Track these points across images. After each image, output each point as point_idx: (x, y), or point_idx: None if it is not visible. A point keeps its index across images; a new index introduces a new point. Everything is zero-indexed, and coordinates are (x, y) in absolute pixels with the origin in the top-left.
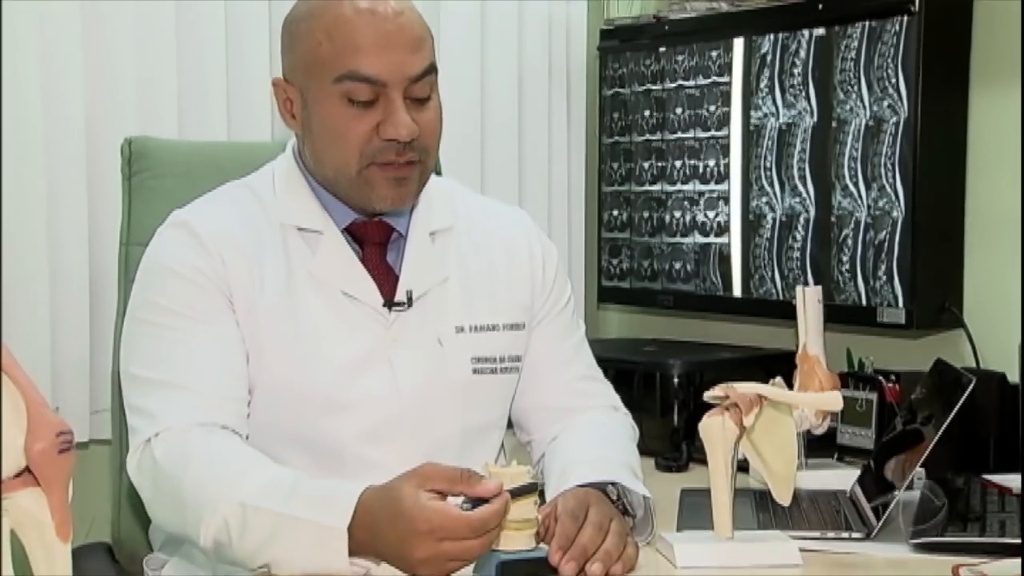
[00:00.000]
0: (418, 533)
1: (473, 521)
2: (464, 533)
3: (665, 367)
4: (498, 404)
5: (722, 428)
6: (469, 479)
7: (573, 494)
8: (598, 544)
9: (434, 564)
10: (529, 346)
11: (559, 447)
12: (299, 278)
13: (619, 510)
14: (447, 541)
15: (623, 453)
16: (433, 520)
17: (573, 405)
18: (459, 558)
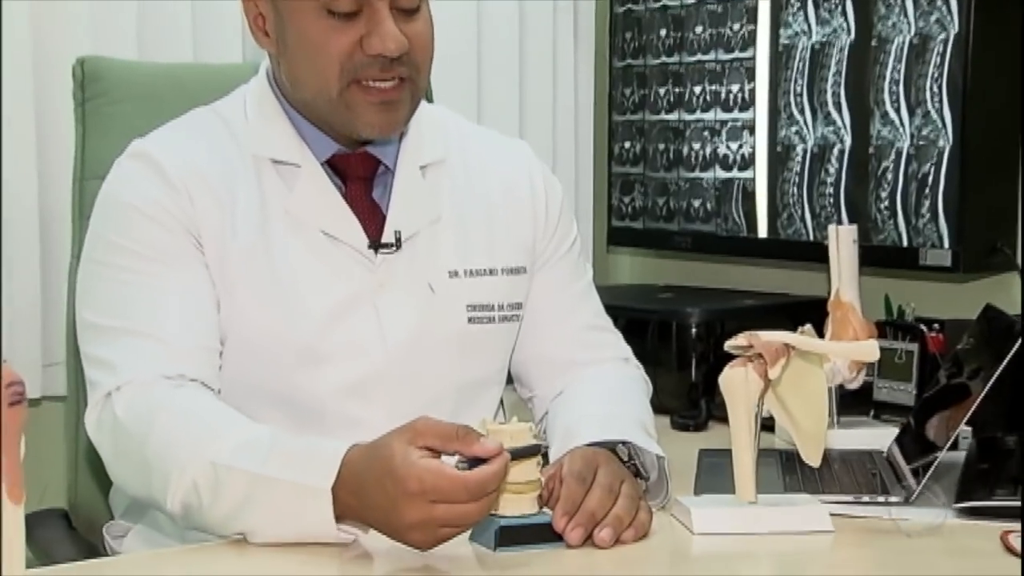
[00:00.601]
0: (408, 494)
1: (470, 483)
2: (459, 495)
3: (682, 316)
4: (496, 356)
5: (745, 381)
6: (466, 436)
7: (580, 454)
8: (607, 508)
9: (426, 529)
10: (530, 292)
11: (564, 403)
12: (274, 217)
13: (630, 471)
14: (440, 504)
15: (635, 409)
16: (425, 480)
17: (579, 357)
18: (453, 523)
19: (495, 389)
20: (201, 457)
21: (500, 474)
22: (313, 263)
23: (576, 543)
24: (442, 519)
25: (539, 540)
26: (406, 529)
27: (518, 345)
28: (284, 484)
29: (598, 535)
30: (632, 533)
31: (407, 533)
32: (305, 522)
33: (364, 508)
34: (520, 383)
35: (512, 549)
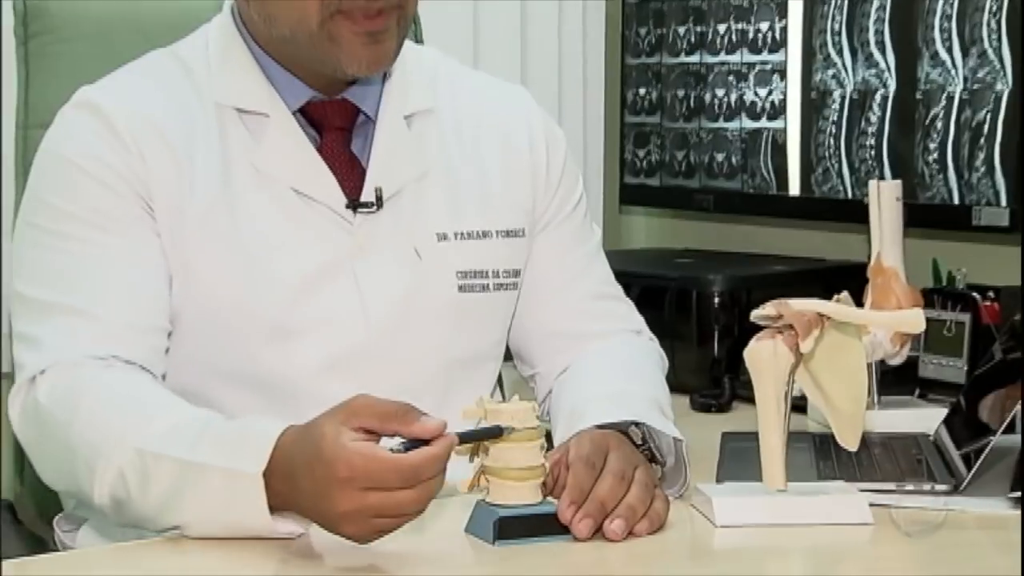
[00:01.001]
0: (337, 480)
1: (403, 467)
2: (391, 481)
3: (703, 283)
4: (492, 329)
5: (773, 355)
6: (406, 415)
7: (589, 437)
8: (619, 497)
9: (358, 521)
10: (530, 258)
11: (570, 381)
12: (239, 173)
13: (645, 456)
14: (373, 491)
15: (649, 387)
16: (355, 465)
17: (586, 330)
18: (388, 513)
19: (491, 366)
20: (128, 444)
21: (440, 458)
22: (283, 225)
23: (584, 536)
24: (375, 508)
25: (542, 532)
26: (338, 519)
27: (517, 317)
28: (214, 471)
29: (608, 527)
30: (646, 525)
31: (340, 524)
32: (238, 513)
33: (296, 496)
34: (520, 359)
35: (512, 542)
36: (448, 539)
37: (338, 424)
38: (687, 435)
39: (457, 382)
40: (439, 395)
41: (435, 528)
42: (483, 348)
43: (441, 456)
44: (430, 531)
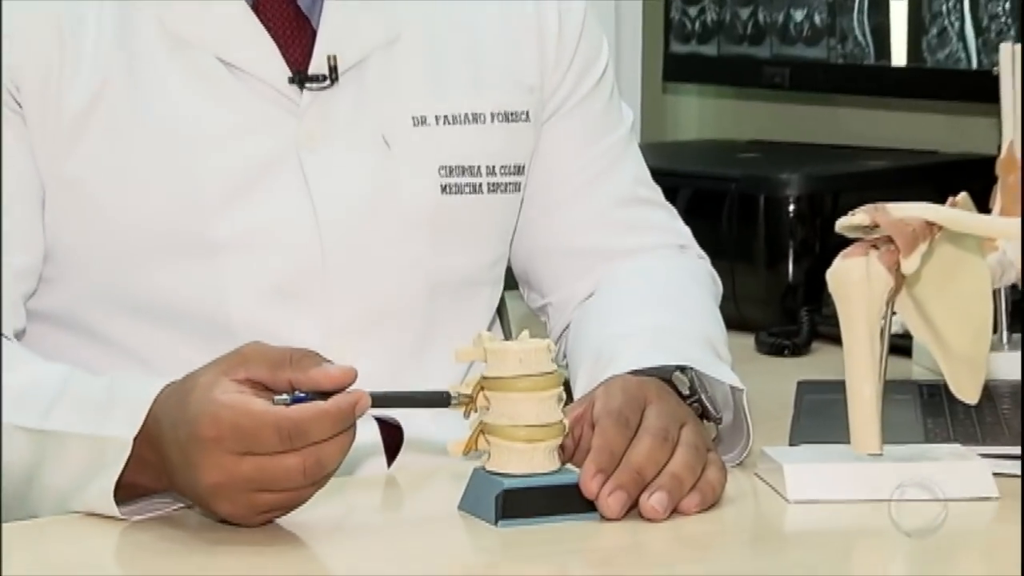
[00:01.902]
0: (201, 441)
1: (282, 421)
2: (268, 441)
3: (774, 185)
4: (487, 245)
5: (866, 277)
6: (302, 359)
7: (620, 386)
8: (660, 463)
9: (232, 495)
10: (538, 151)
11: (594, 313)
12: (143, 37)
13: (694, 411)
14: (248, 457)
15: (698, 319)
16: (222, 420)
17: (614, 245)
18: (269, 486)
19: (487, 293)
20: None
21: (334, 416)
22: (204, 106)
23: (614, 514)
24: (250, 478)
25: (560, 510)
26: (208, 493)
27: (522, 229)
28: (75, 440)
29: (646, 502)
30: (696, 500)
31: (211, 499)
32: (96, 488)
33: (165, 467)
34: (528, 285)
35: (520, 522)
36: (435, 519)
37: (218, 375)
38: (751, 384)
39: (443, 314)
40: (419, 331)
41: (417, 504)
42: (475, 269)
43: (336, 414)
44: (411, 508)
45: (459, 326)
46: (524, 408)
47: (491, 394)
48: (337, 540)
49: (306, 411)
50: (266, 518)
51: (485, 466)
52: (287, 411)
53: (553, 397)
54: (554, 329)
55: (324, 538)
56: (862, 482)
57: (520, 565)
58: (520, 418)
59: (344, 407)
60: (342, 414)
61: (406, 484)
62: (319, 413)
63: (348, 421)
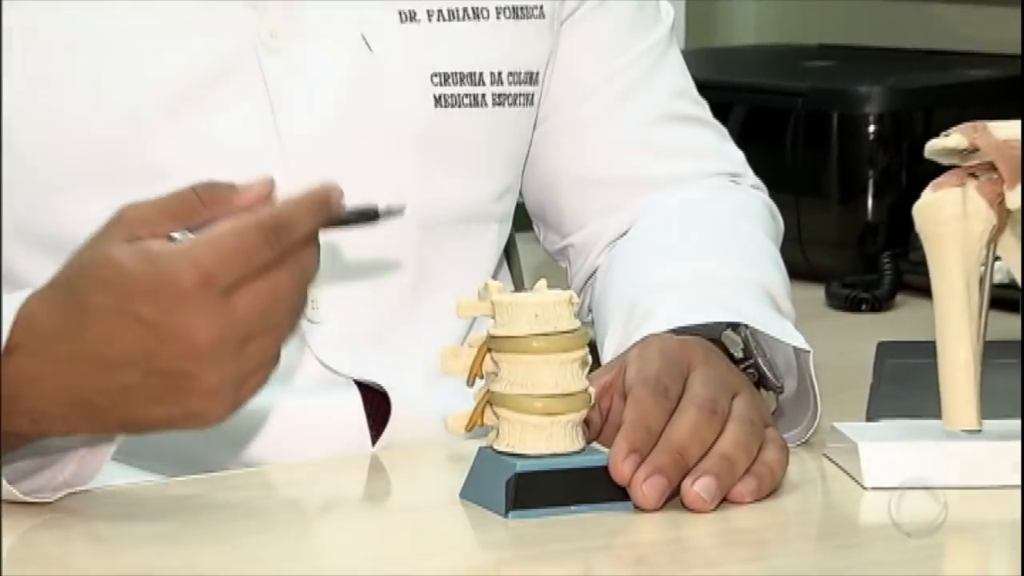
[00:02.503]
0: (182, 297)
1: (264, 219)
2: (257, 250)
3: (850, 99)
4: (492, 171)
5: (962, 213)
6: (213, 192)
7: (658, 347)
8: (706, 441)
9: (224, 355)
10: (556, 55)
11: (626, 257)
12: None
13: (750, 378)
14: (239, 288)
15: (755, 266)
16: (200, 258)
17: (650, 173)
18: (261, 323)
19: (493, 232)
20: None
21: (317, 200)
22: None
23: (651, 503)
24: (248, 315)
25: (584, 498)
26: (195, 367)
27: (536, 153)
28: None
29: (690, 489)
30: (752, 486)
31: (199, 374)
32: None
33: (57, 371)
34: (544, 224)
35: (537, 514)
36: (430, 509)
37: (118, 241)
38: (820, 346)
39: (438, 259)
40: (409, 280)
41: (409, 491)
42: (478, 202)
43: (315, 199)
44: (401, 496)
45: (459, 274)
46: (540, 374)
47: (500, 357)
48: (311, 535)
49: (283, 204)
50: (244, 395)
51: (493, 445)
52: (263, 210)
53: (576, 361)
54: (577, 277)
55: (296, 533)
56: (955, 465)
57: (535, 565)
58: (535, 386)
59: (321, 194)
60: (320, 201)
61: (395, 467)
62: (297, 201)
63: (327, 211)
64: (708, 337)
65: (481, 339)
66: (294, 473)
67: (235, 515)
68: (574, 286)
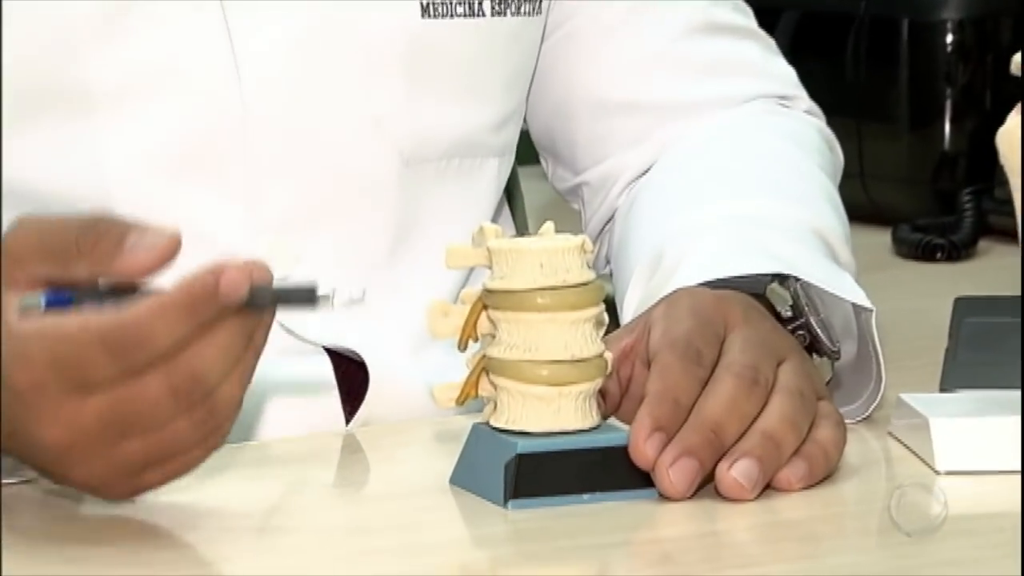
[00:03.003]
0: (21, 394)
1: (108, 333)
2: (100, 366)
3: (923, 5)
4: (490, 95)
5: None
6: (97, 239)
7: (689, 304)
8: (747, 416)
9: (84, 455)
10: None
11: (652, 197)
12: None
13: (799, 341)
14: (89, 393)
15: (807, 206)
16: (32, 358)
17: (681, 95)
18: (129, 428)
19: (491, 168)
20: None
21: (187, 303)
22: None
23: (679, 491)
24: (104, 422)
25: (598, 484)
26: (55, 459)
27: (544, 74)
28: None
29: (727, 474)
30: (801, 471)
31: (63, 467)
32: None
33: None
34: (553, 157)
35: (542, 503)
36: (415, 498)
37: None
38: (885, 303)
39: (426, 199)
40: (391, 224)
41: (390, 477)
42: (473, 132)
43: (183, 302)
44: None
45: (450, 217)
46: (547, 336)
47: (498, 315)
48: (273, 528)
49: (138, 310)
50: (146, 483)
51: (490, 421)
52: (111, 317)
53: (589, 320)
54: (592, 221)
55: (255, 526)
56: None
57: (539, 565)
58: (541, 350)
59: (196, 289)
60: (193, 300)
61: (373, 447)
62: (155, 308)
63: (207, 309)
64: (750, 292)
65: (476, 294)
66: (253, 455)
67: (184, 506)
68: (588, 231)
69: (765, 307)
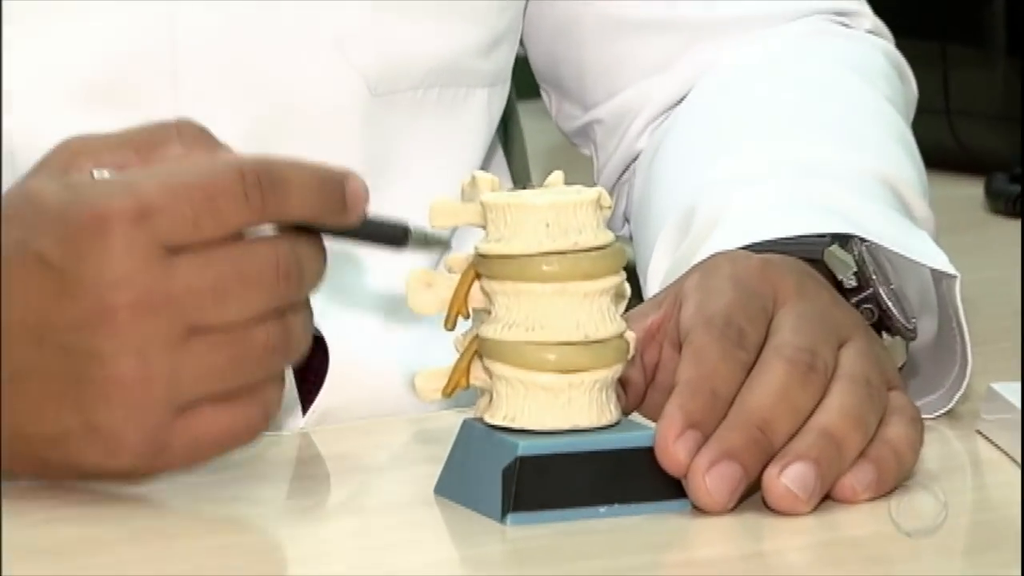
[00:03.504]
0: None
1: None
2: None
3: None
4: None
5: None
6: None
7: (730, 271)
8: (801, 410)
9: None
10: None
11: (682, 138)
12: None
13: (867, 317)
14: (93, 244)
15: (874, 148)
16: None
17: (716, 10)
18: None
19: (481, 99)
20: None
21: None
22: None
23: (718, 502)
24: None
25: (618, 494)
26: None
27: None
28: None
29: (776, 482)
30: (869, 477)
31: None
32: None
33: None
34: (559, 90)
35: (548, 517)
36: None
37: (39, 171)
38: (974, 270)
39: (400, 139)
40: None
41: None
42: (457, 57)
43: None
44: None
45: (432, 164)
46: (555, 312)
47: (495, 286)
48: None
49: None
50: (203, 432)
51: (484, 417)
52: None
53: (607, 292)
54: (607, 169)
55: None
56: None
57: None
58: (547, 330)
59: (336, 175)
60: (330, 175)
61: (336, 450)
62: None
63: (336, 190)
64: (804, 257)
65: (466, 260)
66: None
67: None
68: (603, 181)
69: (823, 275)
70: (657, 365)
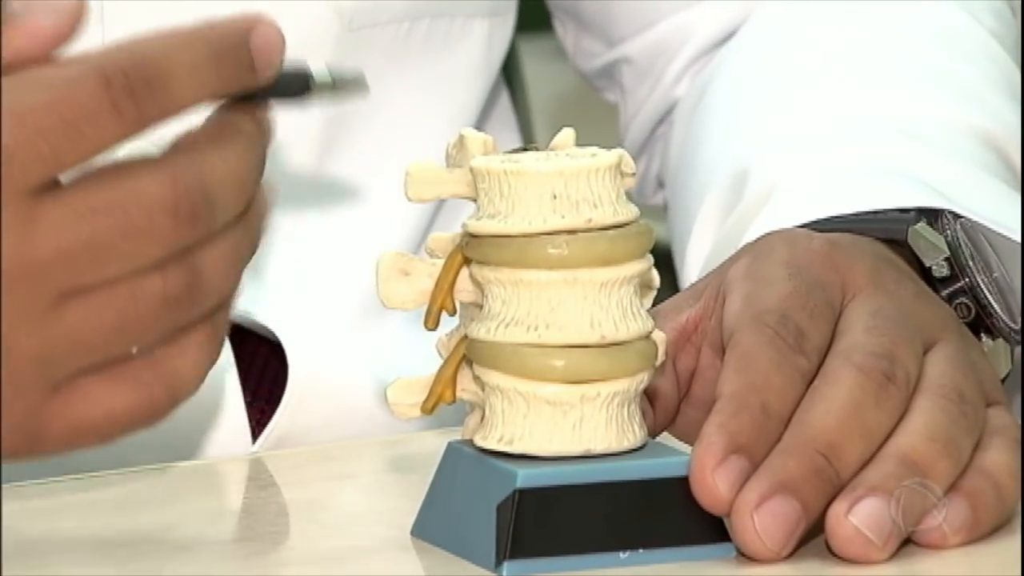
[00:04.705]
0: None
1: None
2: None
3: None
4: None
5: None
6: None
7: (786, 255)
8: (875, 432)
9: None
10: None
11: (731, 87)
12: None
13: (961, 314)
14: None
15: (973, 100)
16: None
17: None
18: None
19: (477, 35)
20: None
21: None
22: None
23: (771, 547)
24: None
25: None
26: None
27: None
28: None
29: (846, 521)
30: (961, 516)
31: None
32: None
33: None
34: (576, 20)
35: (553, 566)
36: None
37: None
38: None
39: (375, 75)
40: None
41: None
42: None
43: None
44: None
45: (415, 111)
46: (564, 306)
47: (488, 275)
48: None
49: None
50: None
51: (475, 439)
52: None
53: (630, 282)
54: (636, 121)
55: None
56: None
57: None
58: (554, 329)
59: (227, 27)
60: (227, 38)
61: (292, 479)
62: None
63: (238, 55)
64: (882, 238)
65: (452, 242)
66: (110, 495)
67: None
68: (632, 136)
69: (906, 261)
70: (693, 374)
